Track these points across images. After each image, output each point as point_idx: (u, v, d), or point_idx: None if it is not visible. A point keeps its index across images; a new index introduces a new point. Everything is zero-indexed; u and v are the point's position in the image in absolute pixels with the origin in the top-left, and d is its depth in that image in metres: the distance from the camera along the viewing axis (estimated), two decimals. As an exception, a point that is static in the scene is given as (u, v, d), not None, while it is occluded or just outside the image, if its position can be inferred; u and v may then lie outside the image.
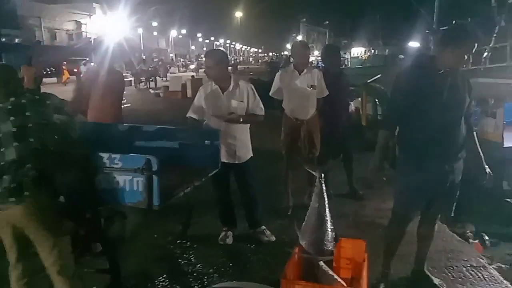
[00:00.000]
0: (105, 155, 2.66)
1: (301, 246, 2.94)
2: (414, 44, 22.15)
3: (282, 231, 4.14)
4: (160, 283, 3.38)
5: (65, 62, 27.20)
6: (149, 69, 25.18)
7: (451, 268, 3.53)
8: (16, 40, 30.04)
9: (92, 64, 22.70)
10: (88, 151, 2.74)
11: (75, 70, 24.73)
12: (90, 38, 32.25)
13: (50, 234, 2.50)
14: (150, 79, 24.34)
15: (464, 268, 3.53)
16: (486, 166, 3.06)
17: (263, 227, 4.12)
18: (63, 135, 2.62)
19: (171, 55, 58.10)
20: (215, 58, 3.76)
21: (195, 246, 3.94)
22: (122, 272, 3.09)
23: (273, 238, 4.06)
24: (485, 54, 11.59)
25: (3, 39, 27.41)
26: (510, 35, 11.01)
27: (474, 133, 3.08)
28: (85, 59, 24.76)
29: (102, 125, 3.77)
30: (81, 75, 4.61)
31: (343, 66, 27.30)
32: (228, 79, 3.79)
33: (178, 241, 4.01)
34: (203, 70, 4.11)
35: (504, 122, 7.98)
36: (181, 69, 37.71)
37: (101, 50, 4.57)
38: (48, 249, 2.51)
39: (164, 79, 27.26)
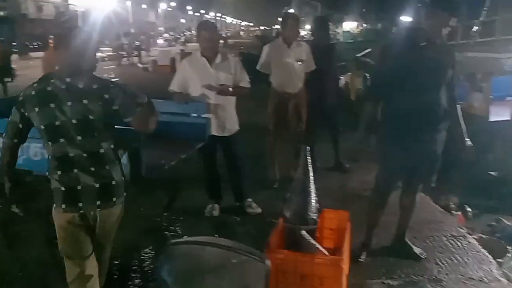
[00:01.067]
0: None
1: (286, 217, 3.00)
2: (406, 18, 22.00)
3: (268, 203, 4.19)
4: (146, 255, 3.42)
5: (52, 36, 26.63)
6: (134, 44, 24.70)
7: (432, 237, 3.62)
8: (1, 13, 29.30)
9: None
10: None
11: (63, 43, 24.20)
12: (77, 11, 31.50)
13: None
14: (134, 54, 23.85)
15: (444, 238, 3.62)
16: (468, 139, 3.11)
17: (250, 199, 4.17)
18: None
19: (160, 28, 57.12)
20: (208, 29, 3.72)
21: (181, 218, 3.99)
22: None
23: (259, 210, 4.12)
24: (475, 28, 11.59)
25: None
26: (499, 9, 10.99)
27: (458, 106, 3.12)
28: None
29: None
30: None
31: (335, 40, 27.11)
32: (216, 51, 3.76)
33: (165, 214, 4.05)
34: (194, 43, 4.06)
35: (491, 96, 8.06)
36: (171, 43, 37.09)
37: (89, 23, 4.49)
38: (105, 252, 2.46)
39: (147, 53, 26.62)
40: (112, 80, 2.64)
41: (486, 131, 7.85)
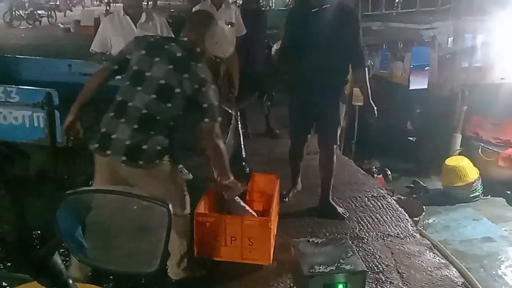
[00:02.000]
0: (-1, 88, 2.45)
1: (216, 181, 3.00)
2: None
3: (199, 168, 4.16)
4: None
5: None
6: (50, 4, 22.79)
7: (355, 198, 3.82)
8: None
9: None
10: None
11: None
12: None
13: None
14: (47, 14, 22.03)
15: (366, 198, 3.84)
16: (372, 102, 3.31)
17: (180, 166, 4.10)
18: None
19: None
20: None
21: (108, 185, 3.85)
22: (29, 213, 2.96)
23: (190, 176, 4.08)
24: (398, -1, 12.04)
25: None
26: (421, -19, 11.47)
27: (366, 69, 3.32)
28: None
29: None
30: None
31: (268, 7, 26.95)
32: (141, 10, 3.56)
33: (90, 182, 3.87)
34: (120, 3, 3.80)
35: (411, 66, 8.51)
36: (94, 2, 34.66)
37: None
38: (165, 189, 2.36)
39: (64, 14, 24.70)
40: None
41: (406, 98, 8.36)
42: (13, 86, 2.49)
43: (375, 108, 3.29)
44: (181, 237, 2.46)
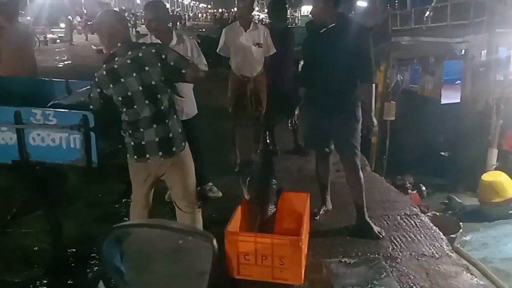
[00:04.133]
0: (38, 111, 2.54)
1: (247, 200, 3.01)
2: (362, 3, 22.34)
3: (229, 187, 4.18)
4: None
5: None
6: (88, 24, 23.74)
7: (387, 216, 3.74)
8: None
9: (28, 18, 21.24)
10: None
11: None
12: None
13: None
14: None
15: (398, 217, 3.75)
16: (374, 118, 3.33)
17: (210, 183, 4.14)
18: None
19: (115, 9, 55.13)
20: (155, 10, 3.60)
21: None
22: (65, 232, 3.04)
23: (219, 194, 4.11)
24: (427, 13, 11.92)
25: None
26: (450, -5, 11.33)
27: (373, 85, 3.34)
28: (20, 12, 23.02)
29: (34, 81, 3.59)
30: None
31: (293, 25, 27.17)
32: (170, 33, 3.66)
33: (123, 200, 3.96)
34: (144, 24, 3.92)
35: (443, 79, 8.38)
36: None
37: (37, 3, 4.27)
38: (184, 187, 2.80)
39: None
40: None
41: (438, 113, 8.21)
42: (51, 109, 2.59)
43: (375, 124, 3.33)
44: None
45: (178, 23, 32.64)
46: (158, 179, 2.78)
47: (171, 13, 29.67)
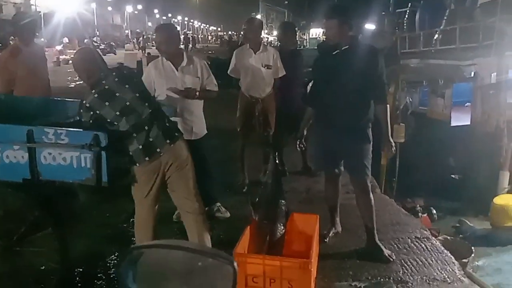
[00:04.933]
0: (50, 130, 2.57)
1: (255, 221, 2.99)
2: (370, 26, 22.54)
3: (237, 207, 4.17)
4: (113, 262, 3.34)
5: (12, 37, 25.71)
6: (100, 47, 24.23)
7: (397, 239, 3.68)
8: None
9: (42, 39, 21.69)
10: None
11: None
12: (40, 12, 30.56)
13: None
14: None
15: (409, 240, 3.69)
16: (391, 139, 3.37)
17: (218, 203, 4.13)
18: None
19: (126, 31, 56.19)
20: (166, 33, 3.67)
21: (149, 224, 3.90)
22: (73, 251, 3.03)
23: (227, 215, 4.09)
24: (436, 36, 11.98)
25: None
26: (459, 18, 11.40)
27: (387, 106, 3.34)
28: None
29: (50, 101, 3.65)
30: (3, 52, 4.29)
31: (302, 47, 27.45)
32: (181, 54, 3.71)
33: (131, 220, 3.95)
34: (155, 46, 4.00)
35: (452, 102, 8.35)
36: (136, 45, 36.40)
37: (52, 25, 4.38)
38: (187, 185, 2.98)
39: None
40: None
41: (448, 135, 8.16)
42: (63, 128, 2.61)
43: (393, 144, 3.36)
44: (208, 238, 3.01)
45: (189, 45, 33.06)
46: (164, 184, 2.92)
47: (182, 35, 30.21)
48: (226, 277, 0.86)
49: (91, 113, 2.67)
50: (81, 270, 3.25)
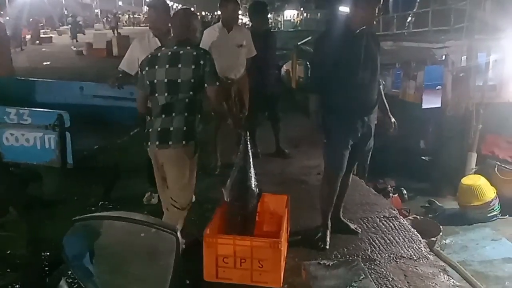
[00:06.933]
0: (12, 110, 2.48)
1: (226, 202, 2.99)
2: (345, 9, 22.51)
3: (209, 190, 4.14)
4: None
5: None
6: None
7: (366, 219, 3.75)
8: None
9: (7, 18, 20.87)
10: None
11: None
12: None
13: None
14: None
15: (377, 219, 3.76)
16: (391, 116, 3.32)
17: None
18: None
19: (96, 10, 54.49)
20: (160, 9, 3.58)
21: (118, 207, 3.83)
22: (40, 235, 2.97)
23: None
24: (409, 19, 12.07)
25: None
26: (432, 1, 11.50)
27: (381, 86, 3.32)
28: (-1, 13, 22.64)
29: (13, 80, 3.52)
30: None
31: (276, 29, 27.28)
32: (167, 33, 3.62)
33: (100, 203, 3.89)
34: (148, 23, 3.93)
35: (424, 85, 8.45)
36: (106, 26, 35.32)
37: (17, 4, 4.21)
38: (170, 182, 2.93)
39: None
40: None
41: (419, 117, 8.29)
42: (25, 108, 2.53)
43: (394, 121, 3.31)
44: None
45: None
46: None
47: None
48: (170, 247, 0.86)
49: (139, 70, 2.88)
50: (48, 254, 3.19)
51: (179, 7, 3.83)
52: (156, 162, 2.93)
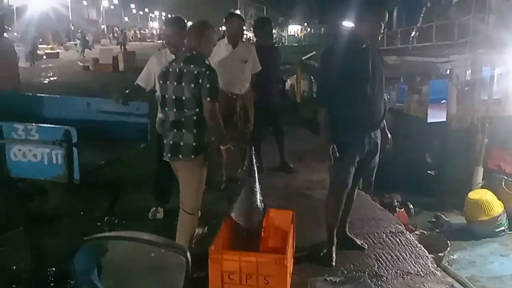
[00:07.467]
0: (20, 126, 2.49)
1: (231, 217, 2.98)
2: (348, 24, 22.68)
3: (214, 204, 4.13)
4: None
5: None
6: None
7: (372, 234, 3.72)
8: None
9: (15, 34, 21.15)
10: None
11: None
12: (12, 6, 29.75)
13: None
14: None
15: (384, 234, 3.73)
16: (388, 132, 3.31)
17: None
18: None
19: (102, 26, 55.20)
20: (176, 26, 3.60)
21: (124, 222, 3.84)
22: (45, 250, 2.96)
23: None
24: (413, 33, 12.15)
25: None
26: (435, 15, 11.58)
27: (386, 101, 3.32)
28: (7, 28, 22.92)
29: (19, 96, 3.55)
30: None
31: (281, 44, 27.50)
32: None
33: (106, 217, 3.89)
34: (163, 39, 3.96)
35: (429, 99, 8.46)
36: (112, 41, 35.72)
37: (24, 19, 4.28)
38: (181, 190, 3.12)
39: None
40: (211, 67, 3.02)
41: (425, 132, 8.28)
42: (33, 124, 2.54)
43: (390, 136, 3.30)
44: (184, 234, 3.10)
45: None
46: None
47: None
48: (179, 268, 0.86)
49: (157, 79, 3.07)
50: (54, 269, 3.18)
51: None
52: (172, 166, 3.15)
